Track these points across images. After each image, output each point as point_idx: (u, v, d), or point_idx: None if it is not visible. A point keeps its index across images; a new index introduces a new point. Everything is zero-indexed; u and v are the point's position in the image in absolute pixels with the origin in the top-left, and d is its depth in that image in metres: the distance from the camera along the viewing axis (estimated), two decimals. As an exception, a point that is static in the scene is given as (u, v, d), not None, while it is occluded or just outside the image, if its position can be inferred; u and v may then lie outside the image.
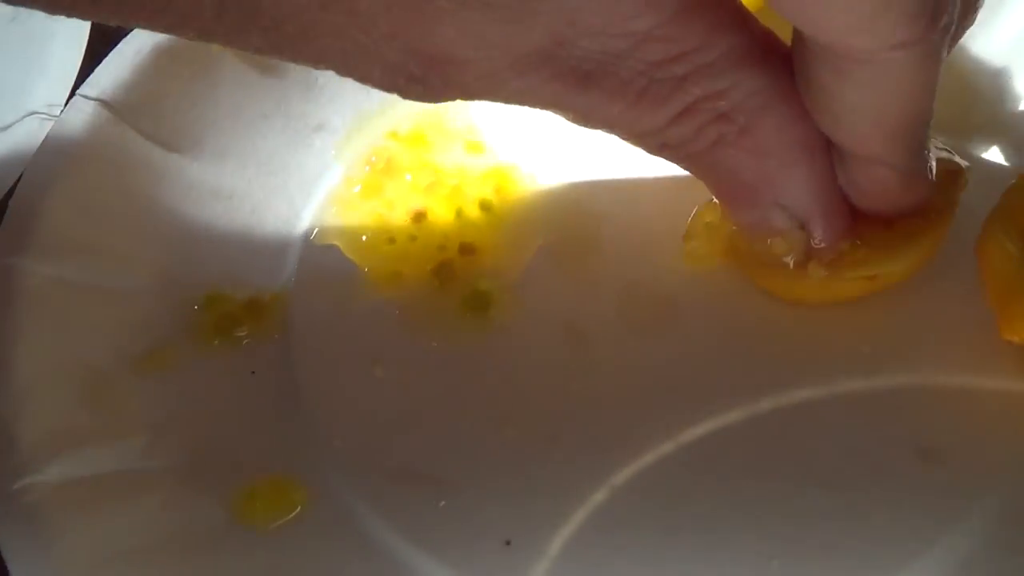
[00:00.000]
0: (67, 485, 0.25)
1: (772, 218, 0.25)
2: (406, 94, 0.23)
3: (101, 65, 0.32)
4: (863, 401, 0.26)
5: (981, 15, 0.30)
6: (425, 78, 0.22)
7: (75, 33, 0.35)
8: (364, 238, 0.31)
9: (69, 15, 0.22)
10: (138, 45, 0.32)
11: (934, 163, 0.26)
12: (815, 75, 0.23)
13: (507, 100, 0.23)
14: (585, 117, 0.24)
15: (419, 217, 0.31)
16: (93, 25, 0.36)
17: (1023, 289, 0.25)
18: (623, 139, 0.24)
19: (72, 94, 0.32)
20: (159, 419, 0.27)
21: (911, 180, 0.25)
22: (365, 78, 0.23)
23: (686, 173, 0.26)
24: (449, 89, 0.22)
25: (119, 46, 0.32)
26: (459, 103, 0.31)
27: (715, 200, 0.27)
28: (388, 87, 0.23)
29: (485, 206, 0.31)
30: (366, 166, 0.32)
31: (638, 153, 0.25)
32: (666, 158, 0.25)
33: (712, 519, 0.25)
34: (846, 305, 0.27)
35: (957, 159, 0.27)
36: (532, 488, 0.26)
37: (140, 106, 0.32)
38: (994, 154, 0.31)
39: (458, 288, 0.29)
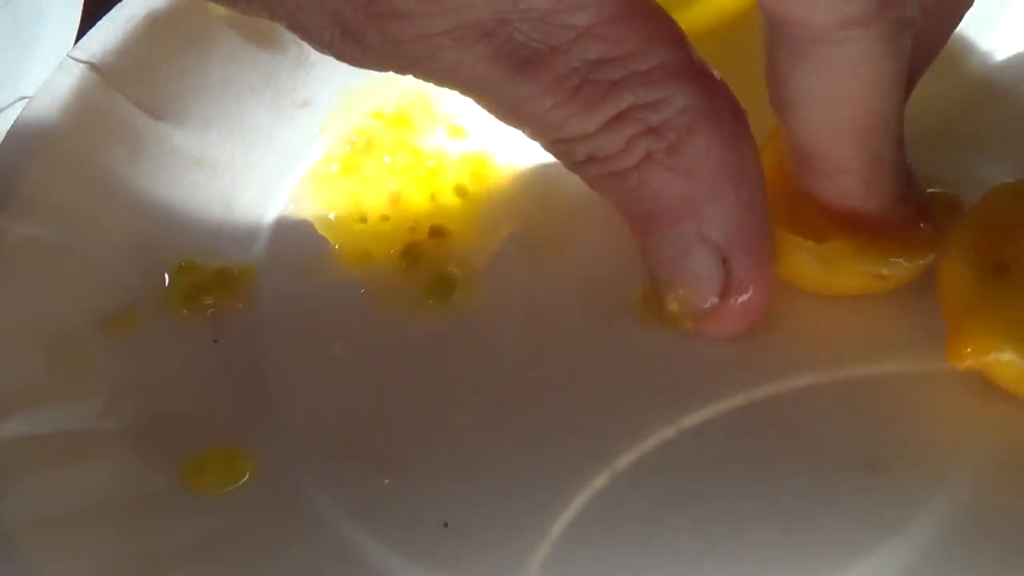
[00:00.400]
0: (20, 442, 0.26)
1: (693, 252, 0.25)
2: (340, 53, 0.23)
3: (92, 30, 0.32)
4: (816, 405, 0.26)
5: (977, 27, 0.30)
6: (362, 31, 0.22)
7: (66, 16, 0.36)
8: (337, 216, 0.31)
9: None
10: (131, 12, 0.32)
11: (917, 199, 0.26)
12: (773, 59, 0.23)
13: (440, 77, 0.23)
14: (514, 110, 0.23)
15: (393, 198, 0.31)
16: (84, 8, 0.36)
17: (972, 312, 0.24)
18: (547, 147, 0.24)
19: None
20: (118, 382, 0.28)
21: (873, 193, 0.25)
22: (301, 25, 0.22)
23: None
24: (384, 49, 0.22)
25: (111, 12, 0.32)
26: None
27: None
28: (324, 40, 0.22)
29: (460, 191, 0.31)
30: (347, 145, 0.32)
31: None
32: (589, 176, 0.24)
33: (649, 515, 0.25)
34: (807, 309, 0.27)
35: (959, 198, 0.27)
36: (473, 472, 0.26)
37: (129, 72, 0.32)
38: (977, 165, 0.30)
39: (425, 271, 0.29)
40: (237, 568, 0.25)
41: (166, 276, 0.30)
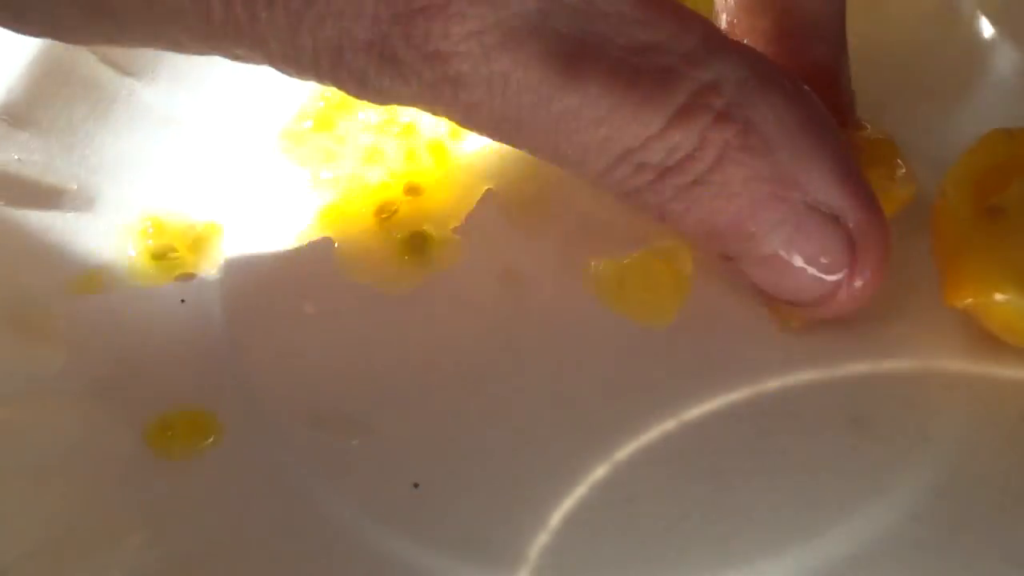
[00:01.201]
0: (-22, 400, 0.25)
1: (805, 224, 0.22)
2: (377, 85, 0.21)
3: (59, -16, 0.32)
4: (800, 362, 0.25)
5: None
6: (405, 43, 0.20)
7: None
8: (309, 173, 0.30)
9: None
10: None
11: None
12: None
13: (482, 99, 0.21)
14: (571, 126, 0.21)
15: (367, 155, 0.30)
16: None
17: (968, 253, 0.24)
18: (608, 172, 0.22)
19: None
20: (81, 342, 0.27)
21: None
22: (328, 48, 0.21)
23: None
24: (426, 63, 0.21)
25: (79, -33, 0.32)
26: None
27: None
28: (355, 70, 0.21)
29: (436, 148, 0.30)
30: (320, 101, 0.31)
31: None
32: (666, 197, 0.22)
33: (627, 473, 0.24)
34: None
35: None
36: (444, 433, 0.25)
37: (97, 29, 0.31)
38: (969, 119, 0.29)
39: (399, 228, 0.29)
40: (201, 530, 0.24)
41: (133, 235, 0.29)
